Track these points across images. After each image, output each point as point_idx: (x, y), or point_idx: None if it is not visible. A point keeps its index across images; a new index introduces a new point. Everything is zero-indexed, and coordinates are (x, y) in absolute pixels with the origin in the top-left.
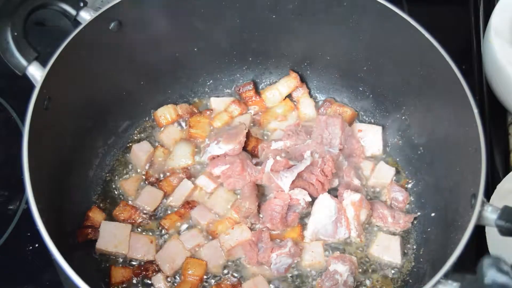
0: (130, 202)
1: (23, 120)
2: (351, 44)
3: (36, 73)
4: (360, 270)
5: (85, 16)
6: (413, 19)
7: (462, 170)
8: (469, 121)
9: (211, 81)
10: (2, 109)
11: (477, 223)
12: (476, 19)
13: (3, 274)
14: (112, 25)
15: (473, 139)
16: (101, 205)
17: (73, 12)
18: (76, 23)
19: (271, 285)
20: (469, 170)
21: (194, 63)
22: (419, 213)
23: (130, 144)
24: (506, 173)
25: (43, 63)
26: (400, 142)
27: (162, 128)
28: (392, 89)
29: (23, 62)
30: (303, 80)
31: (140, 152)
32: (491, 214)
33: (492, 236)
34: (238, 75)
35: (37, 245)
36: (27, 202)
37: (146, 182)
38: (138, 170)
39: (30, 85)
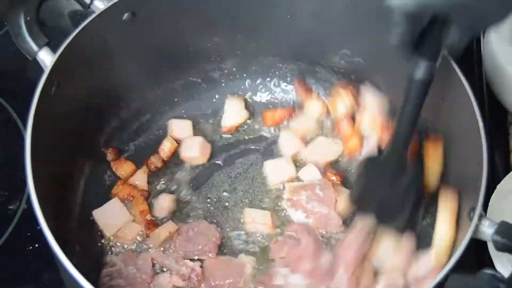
0: None
1: (23, 120)
2: (352, 46)
3: (46, 58)
4: None
5: (99, 5)
6: None
7: (463, 180)
8: (471, 126)
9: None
10: (2, 109)
11: (473, 237)
12: None
13: (3, 274)
14: (125, 15)
15: (475, 148)
16: None
17: (87, 0)
18: (90, 12)
19: None
20: (469, 180)
21: (208, 58)
22: None
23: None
24: (506, 173)
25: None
26: None
27: None
28: (396, 92)
29: (34, 47)
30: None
31: None
32: (488, 229)
33: None
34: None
35: (37, 245)
36: (27, 202)
37: None
38: None
39: (31, 85)
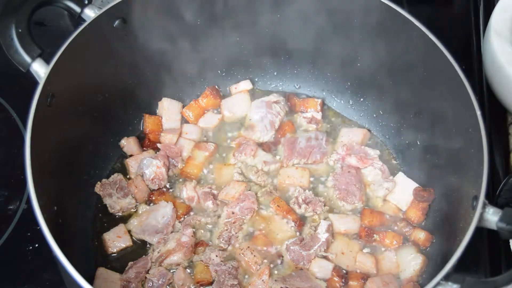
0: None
1: (23, 120)
2: (353, 45)
3: (40, 70)
4: None
5: (90, 13)
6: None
7: (465, 172)
8: (471, 123)
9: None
10: (2, 109)
11: (479, 225)
12: (476, 19)
13: (3, 274)
14: (116, 22)
15: (474, 140)
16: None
17: (77, 9)
18: (80, 20)
19: None
20: (471, 171)
21: (197, 62)
22: None
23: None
24: (506, 173)
25: (46, 61)
26: (412, 147)
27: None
28: (397, 92)
29: (27, 58)
30: None
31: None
32: (492, 216)
33: None
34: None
35: (37, 245)
36: (27, 202)
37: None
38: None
39: (31, 85)
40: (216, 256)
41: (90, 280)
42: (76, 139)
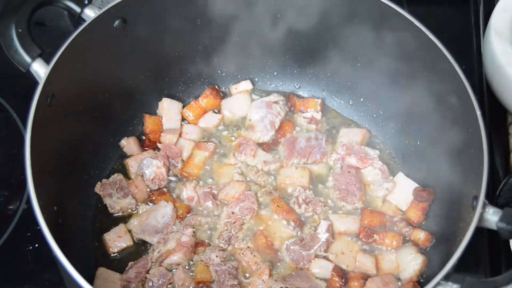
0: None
1: (23, 120)
2: (353, 45)
3: (40, 70)
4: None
5: (90, 13)
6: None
7: (465, 172)
8: (471, 123)
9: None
10: (2, 109)
11: (479, 225)
12: (476, 19)
13: (3, 274)
14: (116, 22)
15: (474, 140)
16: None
17: (77, 9)
18: (80, 20)
19: None
20: (471, 171)
21: (197, 62)
22: None
23: None
24: (506, 173)
25: (46, 61)
26: (412, 147)
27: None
28: (397, 92)
29: (27, 58)
30: None
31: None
32: (492, 216)
33: None
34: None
35: (37, 245)
36: (27, 202)
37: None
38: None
39: (31, 85)
40: (216, 256)
41: (90, 280)
42: (76, 139)
